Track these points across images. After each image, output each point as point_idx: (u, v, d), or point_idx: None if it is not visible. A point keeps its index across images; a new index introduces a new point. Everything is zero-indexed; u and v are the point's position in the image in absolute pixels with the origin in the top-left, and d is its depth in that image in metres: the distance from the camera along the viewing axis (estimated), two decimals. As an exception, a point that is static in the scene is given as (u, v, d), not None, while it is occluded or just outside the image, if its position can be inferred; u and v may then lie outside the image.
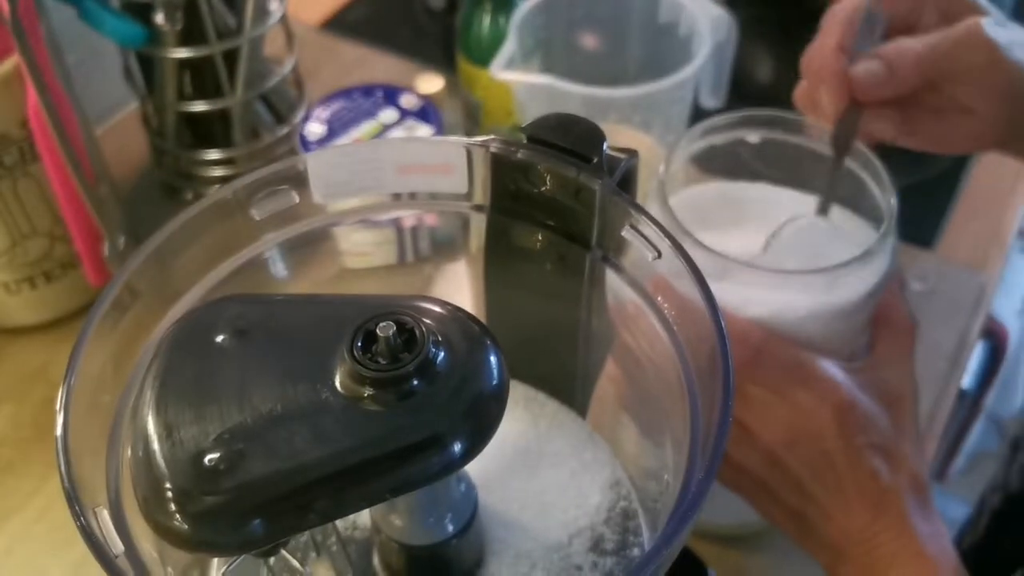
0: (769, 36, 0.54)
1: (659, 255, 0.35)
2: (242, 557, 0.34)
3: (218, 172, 0.77)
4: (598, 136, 0.37)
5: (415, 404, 0.30)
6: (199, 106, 0.74)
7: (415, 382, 0.30)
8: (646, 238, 0.35)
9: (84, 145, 0.67)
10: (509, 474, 0.41)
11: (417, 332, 0.31)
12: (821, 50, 0.49)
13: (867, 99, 0.48)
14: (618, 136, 0.72)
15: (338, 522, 0.41)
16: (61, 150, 0.62)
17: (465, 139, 0.38)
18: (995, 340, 1.00)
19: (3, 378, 0.70)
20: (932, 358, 0.70)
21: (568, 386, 0.45)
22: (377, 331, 0.30)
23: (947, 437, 1.15)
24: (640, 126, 0.69)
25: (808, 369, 0.46)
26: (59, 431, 0.30)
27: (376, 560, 0.40)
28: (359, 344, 0.30)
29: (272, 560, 0.39)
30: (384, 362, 0.30)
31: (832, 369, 0.46)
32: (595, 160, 0.37)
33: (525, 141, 0.38)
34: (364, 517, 0.42)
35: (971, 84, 0.48)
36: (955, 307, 0.73)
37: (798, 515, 0.48)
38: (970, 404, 1.10)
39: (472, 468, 0.39)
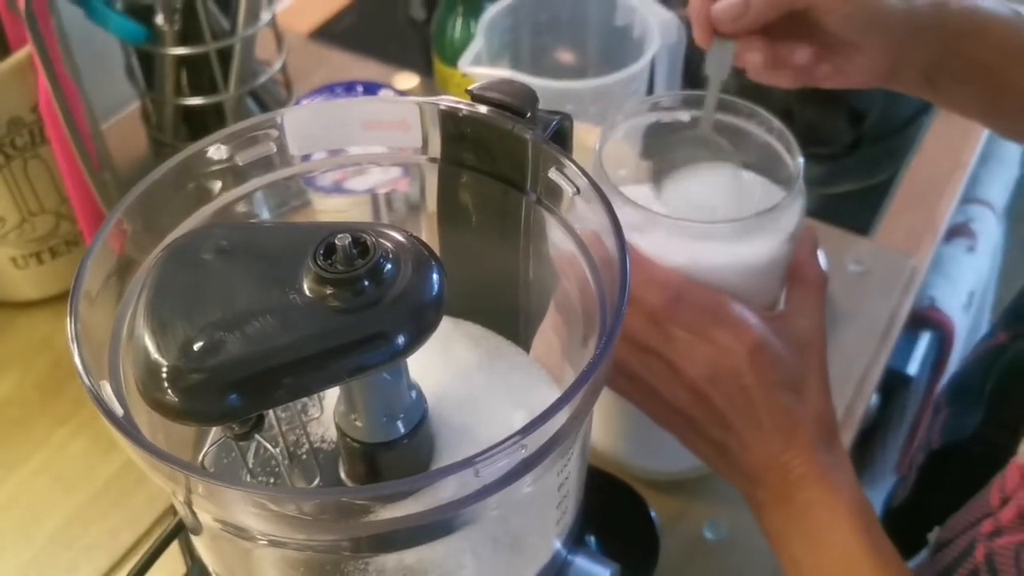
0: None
1: (578, 191, 0.42)
2: (222, 439, 0.40)
3: (212, 162, 0.84)
4: (532, 96, 0.44)
5: (366, 303, 0.36)
6: (195, 101, 0.81)
7: (366, 283, 0.36)
8: (567, 177, 0.42)
9: (90, 132, 0.73)
10: (458, 390, 0.47)
11: (369, 243, 0.37)
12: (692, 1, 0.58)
13: (729, 31, 0.56)
14: (575, 129, 0.79)
15: (309, 435, 0.47)
16: (69, 134, 0.69)
17: (419, 98, 0.44)
18: (942, 331, 1.06)
19: (11, 346, 0.76)
20: (867, 331, 0.77)
21: (512, 325, 0.51)
22: (336, 242, 0.37)
23: (903, 430, 1.21)
24: (596, 119, 0.76)
25: (725, 311, 0.52)
26: (70, 321, 0.37)
27: (341, 469, 0.46)
28: (321, 253, 0.37)
29: (251, 458, 0.45)
30: (341, 267, 0.36)
31: (746, 312, 0.52)
32: (528, 115, 0.43)
33: (471, 100, 0.44)
34: (331, 432, 0.47)
35: (831, 13, 0.55)
36: (888, 287, 0.80)
37: (721, 447, 0.54)
38: (921, 397, 1.15)
39: (425, 383, 0.45)
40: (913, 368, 1.02)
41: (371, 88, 0.79)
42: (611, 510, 0.63)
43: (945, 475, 0.74)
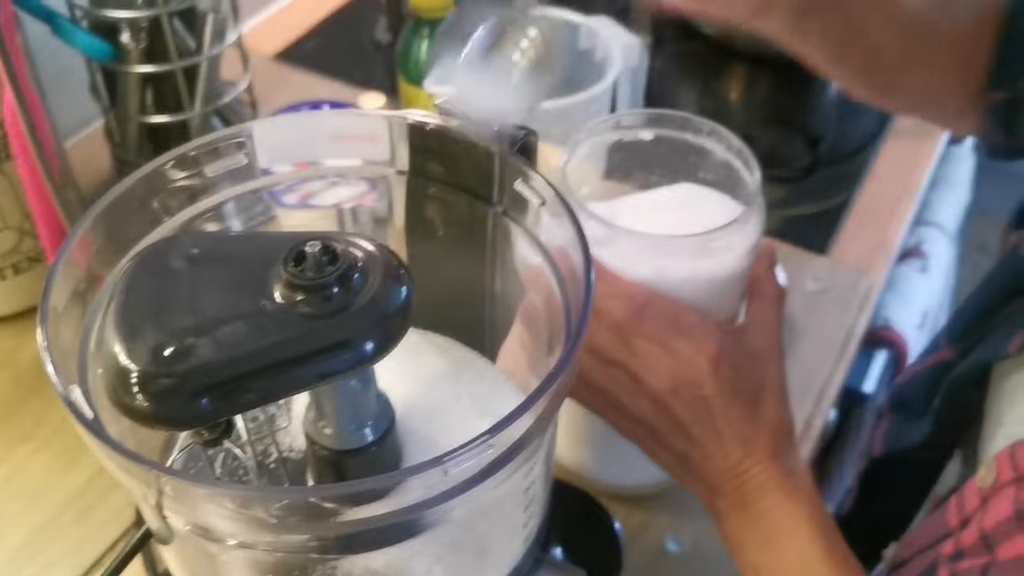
0: (689, 70, 0.63)
1: (544, 202, 0.43)
2: (190, 445, 0.40)
3: (176, 180, 0.84)
4: (498, 111, 0.45)
5: (335, 309, 0.37)
6: (160, 119, 0.81)
7: (335, 290, 0.37)
8: (533, 188, 0.43)
9: (54, 148, 0.73)
10: (425, 399, 0.48)
11: (339, 251, 0.38)
12: None
13: None
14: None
15: (278, 444, 0.48)
16: (33, 150, 0.69)
17: (386, 111, 0.45)
18: (896, 351, 1.08)
19: (-29, 363, 0.76)
20: (825, 347, 0.79)
21: (479, 336, 0.52)
22: (306, 249, 0.37)
23: (859, 446, 1.23)
24: (559, 140, 0.77)
25: (687, 323, 0.53)
26: (40, 328, 0.37)
27: (309, 478, 0.47)
28: (292, 260, 0.37)
29: (219, 467, 0.46)
30: (311, 274, 0.37)
31: (707, 324, 0.54)
32: (496, 129, 0.44)
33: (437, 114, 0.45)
34: (299, 441, 0.48)
35: None
36: (845, 304, 0.82)
37: (683, 457, 0.55)
38: (877, 415, 1.18)
39: (392, 393, 0.45)
40: (869, 386, 1.04)
41: (338, 108, 0.80)
42: (576, 522, 0.63)
43: (887, 483, 0.76)
